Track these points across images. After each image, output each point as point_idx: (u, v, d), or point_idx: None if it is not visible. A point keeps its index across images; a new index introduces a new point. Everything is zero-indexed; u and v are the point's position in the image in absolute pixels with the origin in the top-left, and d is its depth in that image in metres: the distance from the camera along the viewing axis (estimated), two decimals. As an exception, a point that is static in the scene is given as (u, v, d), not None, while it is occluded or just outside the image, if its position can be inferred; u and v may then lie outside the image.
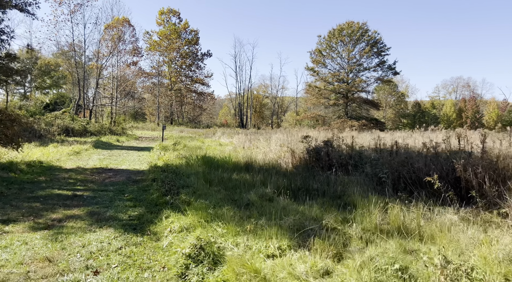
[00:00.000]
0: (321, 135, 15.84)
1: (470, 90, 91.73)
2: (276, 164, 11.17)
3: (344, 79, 48.94)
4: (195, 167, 10.83)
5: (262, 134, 26.29)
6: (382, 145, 8.82)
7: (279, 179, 8.00)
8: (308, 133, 25.80)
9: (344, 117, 48.55)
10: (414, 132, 26.89)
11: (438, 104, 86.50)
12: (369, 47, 47.20)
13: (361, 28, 48.59)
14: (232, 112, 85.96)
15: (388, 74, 49.49)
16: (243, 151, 14.67)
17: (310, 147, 9.42)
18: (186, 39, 60.00)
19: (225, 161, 11.89)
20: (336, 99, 50.79)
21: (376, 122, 48.84)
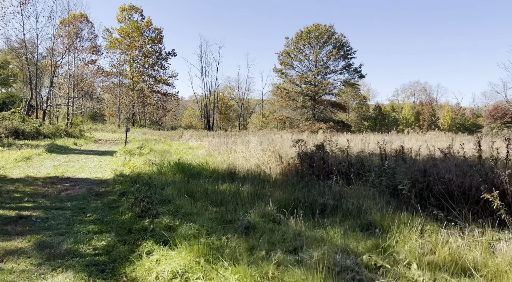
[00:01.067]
0: (309, 139, 14.89)
1: (426, 94, 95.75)
2: (259, 171, 10.02)
3: (312, 81, 48.86)
4: (169, 176, 9.42)
5: (232, 137, 25.05)
6: (382, 149, 7.94)
7: (274, 190, 6.85)
8: (278, 134, 24.92)
9: (312, 119, 48.41)
10: (391, 134, 26.91)
11: (398, 107, 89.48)
12: (336, 50, 47.46)
13: (328, 31, 48.78)
14: (197, 113, 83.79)
15: (354, 77, 50.09)
16: (220, 156, 13.38)
17: (302, 152, 8.35)
18: (149, 37, 57.43)
19: (202, 168, 10.56)
20: (304, 101, 50.61)
21: (343, 124, 49.18)
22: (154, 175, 9.50)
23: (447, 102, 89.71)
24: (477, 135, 7.10)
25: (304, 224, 4.58)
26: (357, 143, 14.06)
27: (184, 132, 35.60)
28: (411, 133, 28.46)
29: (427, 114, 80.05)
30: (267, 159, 10.71)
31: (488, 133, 55.86)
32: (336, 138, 17.14)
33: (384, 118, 79.42)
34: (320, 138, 10.68)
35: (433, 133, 22.28)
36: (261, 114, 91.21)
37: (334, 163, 7.41)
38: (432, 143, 13.10)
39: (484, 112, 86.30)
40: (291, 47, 50.51)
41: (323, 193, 6.25)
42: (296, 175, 8.21)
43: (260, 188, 7.34)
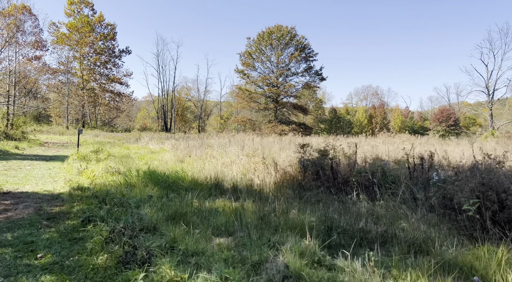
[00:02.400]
0: (276, 141, 13.67)
1: (378, 98, 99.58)
2: (247, 181, 8.63)
3: (274, 83, 48.16)
4: (141, 188, 7.72)
5: (197, 139, 23.32)
6: (409, 156, 6.85)
7: (287, 208, 5.50)
8: (246, 137, 23.61)
9: (274, 121, 47.67)
10: (367, 137, 26.57)
11: (352, 111, 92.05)
12: (298, 52, 47.19)
13: (289, 32, 48.40)
14: (152, 115, 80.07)
15: (316, 80, 50.14)
16: (195, 162, 11.77)
17: (305, 159, 7.11)
18: (101, 33, 53.52)
19: (178, 177, 8.96)
20: (266, 103, 49.80)
21: (305, 127, 48.98)
22: (121, 188, 7.76)
23: (397, 106, 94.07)
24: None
25: (364, 269, 3.23)
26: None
27: (142, 135, 33.11)
28: (380, 136, 28.49)
29: (379, 117, 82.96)
30: (254, 166, 9.34)
31: (434, 135, 58.70)
32: (302, 140, 16.17)
33: (339, 121, 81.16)
34: (318, 142, 9.55)
35: (404, 136, 22.17)
36: (219, 116, 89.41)
37: (348, 173, 6.24)
38: (424, 147, 12.49)
39: (430, 115, 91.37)
40: (253, 48, 49.51)
41: (348, 212, 5.02)
42: (297, 187, 6.94)
43: (263, 204, 5.97)
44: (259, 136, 34.38)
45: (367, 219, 4.50)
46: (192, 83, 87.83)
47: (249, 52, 49.29)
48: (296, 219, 4.76)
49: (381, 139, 22.73)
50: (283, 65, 49.29)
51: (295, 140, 19.94)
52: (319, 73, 49.50)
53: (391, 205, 5.17)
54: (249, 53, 49.23)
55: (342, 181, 6.13)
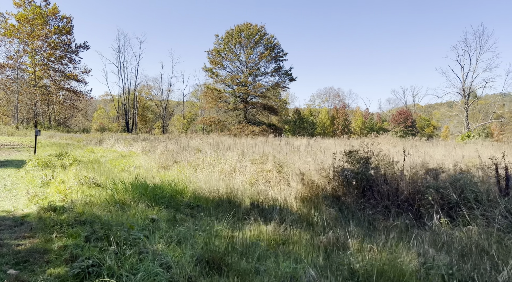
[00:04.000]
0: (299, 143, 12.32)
1: (340, 99, 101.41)
2: (258, 193, 7.20)
3: (244, 82, 46.75)
4: (135, 208, 6.04)
5: (166, 141, 21.37)
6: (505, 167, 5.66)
7: (356, 246, 4.15)
8: (224, 139, 22.02)
9: (244, 122, 46.26)
10: (336, 139, 25.84)
11: (315, 112, 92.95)
12: (268, 51, 46.16)
13: (259, 31, 47.26)
14: (111, 114, 75.64)
15: (285, 80, 49.40)
16: (186, 170, 10.11)
17: (348, 169, 5.81)
18: (55, 26, 49.06)
19: (176, 191, 7.32)
20: (235, 103, 48.26)
21: (275, 127, 48.05)
22: (109, 207, 6.03)
23: (358, 107, 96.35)
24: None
25: None
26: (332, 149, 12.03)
27: (105, 136, 30.32)
28: (358, 137, 28.08)
29: (341, 119, 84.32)
30: (264, 175, 7.92)
31: (393, 136, 60.38)
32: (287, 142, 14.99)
33: (303, 122, 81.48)
34: (353, 145, 8.29)
35: (383, 137, 21.70)
36: (182, 116, 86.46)
37: (411, 188, 5.03)
38: (424, 150, 11.70)
39: (389, 117, 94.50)
40: (221, 46, 47.76)
41: (445, 246, 3.73)
42: (336, 204, 5.63)
43: (312, 232, 4.59)
44: (230, 137, 32.84)
45: (493, 262, 3.26)
46: (153, 82, 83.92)
47: (217, 50, 47.51)
48: (383, 260, 3.42)
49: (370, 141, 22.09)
50: (252, 64, 48.03)
51: (278, 142, 18.70)
52: (288, 73, 48.80)
53: (494, 233, 3.97)
54: (217, 51, 47.44)
55: (406, 199, 4.92)
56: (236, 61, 48.38)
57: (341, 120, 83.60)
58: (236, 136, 35.43)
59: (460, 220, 4.27)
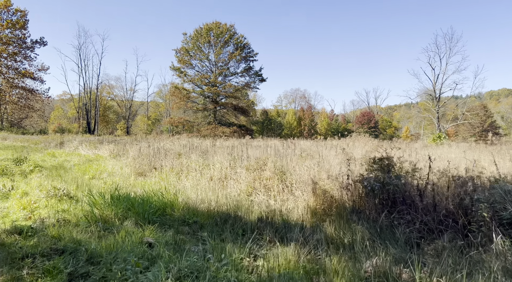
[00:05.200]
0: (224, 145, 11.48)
1: (306, 101, 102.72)
2: (248, 204, 6.41)
3: (213, 82, 45.55)
4: (119, 225, 5.03)
5: (134, 143, 19.94)
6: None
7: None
8: (200, 141, 20.91)
9: (214, 123, 45.07)
10: (311, 141, 25.38)
11: (282, 113, 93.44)
12: (238, 51, 45.32)
13: (229, 30, 46.32)
14: (70, 115, 71.44)
15: (255, 80, 48.77)
16: (170, 177, 9.07)
17: (372, 178, 5.14)
18: (8, 20, 45.30)
19: (164, 203, 6.33)
20: (205, 104, 46.94)
21: (246, 129, 47.27)
22: (90, 228, 4.97)
23: (324, 108, 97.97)
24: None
25: None
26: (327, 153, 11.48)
27: (65, 137, 28.09)
28: (334, 140, 27.82)
29: (308, 120, 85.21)
30: (264, 184, 7.10)
31: (356, 137, 61.67)
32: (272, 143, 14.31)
33: (270, 122, 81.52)
34: (368, 147, 7.69)
35: (362, 140, 21.53)
36: (146, 116, 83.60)
37: (451, 201, 4.44)
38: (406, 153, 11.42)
39: (353, 118, 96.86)
40: (190, 45, 46.26)
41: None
42: (359, 219, 4.94)
43: (351, 259, 3.85)
44: (200, 138, 31.68)
45: None
46: (115, 81, 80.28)
47: (186, 48, 45.95)
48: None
49: (346, 143, 21.85)
50: (222, 64, 46.97)
51: (258, 143, 17.91)
52: (259, 73, 48.23)
53: None
54: (186, 50, 45.89)
55: (447, 214, 4.31)
56: (205, 61, 47.13)
57: (308, 121, 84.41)
58: (206, 137, 34.29)
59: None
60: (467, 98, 51.80)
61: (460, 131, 71.76)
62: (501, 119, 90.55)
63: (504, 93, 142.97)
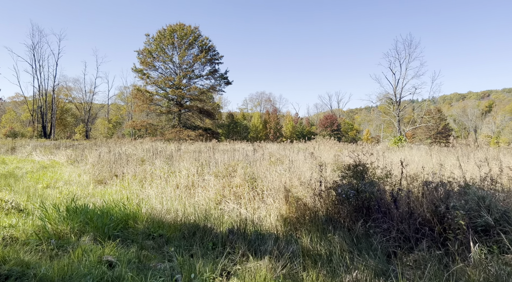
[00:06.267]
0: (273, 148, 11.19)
1: (271, 104, 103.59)
2: (218, 213, 6.12)
3: (177, 85, 44.51)
4: (75, 242, 4.53)
5: (94, 148, 18.92)
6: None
7: None
8: (170, 146, 20.18)
9: (178, 126, 44.02)
10: (278, 144, 25.32)
11: (248, 116, 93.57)
12: (203, 53, 44.68)
13: (193, 32, 45.56)
14: (23, 118, 67.12)
15: (221, 83, 48.28)
16: (132, 185, 8.52)
17: (345, 184, 4.99)
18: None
19: (127, 215, 5.86)
20: (169, 107, 45.76)
21: (212, 132, 46.59)
22: (41, 246, 4.44)
23: (288, 112, 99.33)
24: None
25: None
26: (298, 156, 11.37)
27: (17, 142, 26.22)
28: (298, 141, 27.98)
29: (273, 123, 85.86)
30: (234, 191, 6.80)
31: (321, 140, 63.00)
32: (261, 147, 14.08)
33: (236, 125, 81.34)
34: (334, 150, 7.48)
35: (327, 143, 21.77)
36: (106, 119, 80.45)
37: (425, 208, 4.37)
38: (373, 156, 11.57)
39: (316, 121, 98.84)
40: (153, 46, 44.94)
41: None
42: (334, 228, 4.78)
43: (326, 273, 3.64)
44: (164, 142, 30.78)
45: None
46: (73, 83, 76.33)
47: (148, 50, 44.59)
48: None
49: (311, 145, 21.97)
50: (187, 66, 46.05)
51: (224, 147, 17.56)
52: (224, 76, 47.78)
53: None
54: (148, 51, 44.53)
55: (424, 222, 4.23)
56: (169, 63, 46.00)
57: (273, 124, 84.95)
58: (171, 141, 33.38)
59: (495, 247, 3.68)
60: (424, 102, 54.20)
61: (417, 134, 75.15)
62: (453, 122, 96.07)
63: (455, 97, 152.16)
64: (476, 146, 17.23)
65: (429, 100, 49.88)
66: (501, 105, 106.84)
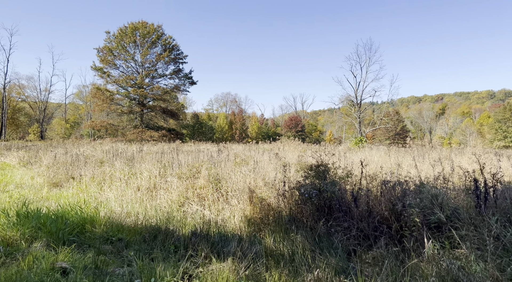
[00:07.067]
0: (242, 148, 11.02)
1: (237, 105, 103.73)
2: (184, 216, 6.03)
3: (140, 84, 43.30)
4: (34, 253, 4.26)
5: (42, 150, 17.98)
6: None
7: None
8: (131, 147, 19.53)
9: (141, 126, 42.82)
10: (244, 145, 25.28)
11: (213, 117, 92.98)
12: (167, 52, 43.80)
13: (156, 31, 44.57)
14: (-30, 117, 62.37)
15: (185, 83, 47.56)
16: (90, 188, 8.15)
17: (308, 184, 5.07)
18: None
19: (84, 219, 5.59)
20: (130, 106, 44.39)
21: (176, 133, 45.74)
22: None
23: (254, 113, 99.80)
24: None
25: None
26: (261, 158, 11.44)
27: (-38, 144, 24.33)
28: (264, 142, 28.15)
29: (239, 124, 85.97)
30: (197, 193, 6.69)
31: (286, 140, 63.95)
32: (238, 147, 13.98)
33: (201, 126, 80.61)
34: (298, 151, 7.51)
35: (292, 143, 22.07)
36: (63, 119, 76.75)
37: (384, 206, 4.52)
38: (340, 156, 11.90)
39: (281, 122, 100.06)
40: (114, 44, 43.42)
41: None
42: (297, 228, 4.84)
43: (288, 273, 3.66)
44: (125, 143, 29.88)
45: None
46: (27, 80, 72.15)
47: (109, 48, 43.02)
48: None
49: (275, 146, 22.18)
50: (149, 65, 44.92)
51: (189, 148, 17.32)
52: (189, 76, 47.11)
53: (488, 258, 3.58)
54: (109, 49, 42.96)
55: (382, 220, 4.38)
56: (130, 61, 44.63)
57: (239, 125, 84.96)
58: (132, 142, 32.41)
59: (446, 243, 3.88)
60: (383, 104, 56.47)
61: (376, 135, 78.13)
62: (410, 124, 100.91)
63: (412, 100, 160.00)
64: (431, 147, 18.19)
65: (388, 103, 52.09)
66: (453, 108, 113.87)
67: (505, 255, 3.54)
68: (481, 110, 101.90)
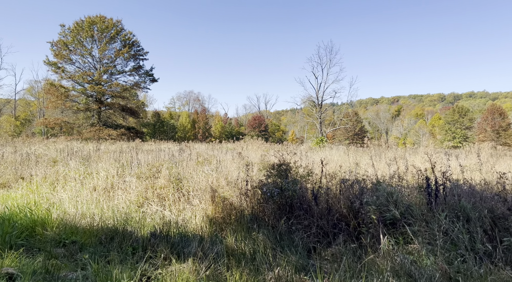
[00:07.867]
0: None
1: (200, 103, 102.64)
2: (145, 216, 5.88)
3: (97, 80, 41.51)
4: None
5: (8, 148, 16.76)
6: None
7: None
8: (89, 145, 18.66)
9: (98, 124, 41.08)
10: (207, 144, 24.97)
11: (175, 115, 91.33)
12: (127, 48, 42.34)
13: (115, 26, 42.95)
14: None
15: (146, 80, 46.24)
16: (42, 188, 7.68)
17: (270, 183, 5.09)
18: None
19: (34, 221, 5.26)
20: (87, 103, 42.44)
21: (135, 131, 44.34)
22: None
23: (217, 112, 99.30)
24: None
25: None
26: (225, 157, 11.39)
27: None
28: (228, 142, 27.93)
29: (202, 123, 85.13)
30: (157, 193, 6.52)
31: (250, 140, 64.32)
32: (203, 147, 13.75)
33: (163, 125, 78.94)
34: (261, 150, 7.49)
35: (255, 143, 22.17)
36: (13, 116, 72.02)
37: (342, 204, 4.65)
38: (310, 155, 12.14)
39: (245, 121, 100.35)
40: (69, 38, 41.26)
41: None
42: (259, 227, 4.86)
43: (249, 272, 3.66)
44: (81, 141, 28.58)
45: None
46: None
47: (64, 42, 40.82)
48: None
49: (238, 145, 22.15)
50: (108, 61, 43.20)
51: (149, 147, 16.87)
52: (149, 73, 45.83)
53: (438, 252, 3.80)
54: (64, 43, 40.76)
55: (341, 218, 4.50)
56: (87, 56, 42.66)
57: (202, 124, 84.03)
58: (89, 140, 31.06)
59: (400, 239, 4.06)
60: (343, 105, 58.20)
61: (336, 135, 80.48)
62: (368, 124, 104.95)
63: (370, 101, 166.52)
64: (387, 147, 19.03)
65: (348, 104, 53.78)
66: (408, 110, 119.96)
67: (453, 249, 3.76)
68: (433, 112, 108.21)
